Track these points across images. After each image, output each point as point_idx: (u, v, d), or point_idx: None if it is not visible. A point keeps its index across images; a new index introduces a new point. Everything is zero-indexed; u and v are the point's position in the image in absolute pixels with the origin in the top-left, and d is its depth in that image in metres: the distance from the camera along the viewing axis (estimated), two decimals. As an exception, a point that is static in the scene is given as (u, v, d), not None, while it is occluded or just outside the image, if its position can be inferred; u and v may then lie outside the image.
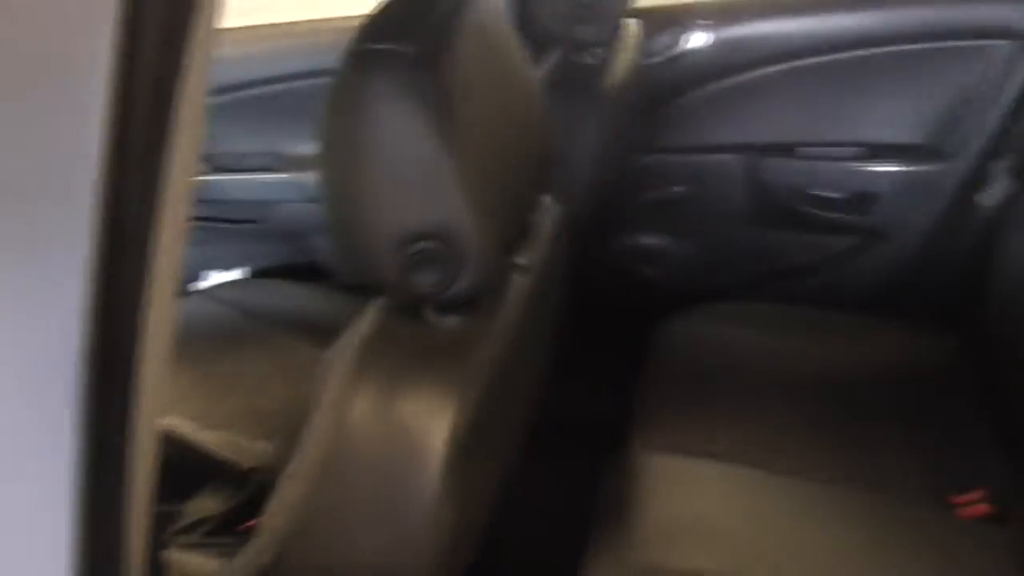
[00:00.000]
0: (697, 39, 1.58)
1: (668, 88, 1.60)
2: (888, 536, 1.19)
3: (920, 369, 1.49)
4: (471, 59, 0.76)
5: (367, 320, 0.80)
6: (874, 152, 1.59)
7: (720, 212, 1.68)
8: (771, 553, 1.17)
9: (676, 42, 1.58)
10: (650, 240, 1.73)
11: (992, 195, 1.51)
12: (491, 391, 0.78)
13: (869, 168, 1.58)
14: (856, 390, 1.45)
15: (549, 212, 1.08)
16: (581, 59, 1.40)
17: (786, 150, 1.61)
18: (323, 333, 0.85)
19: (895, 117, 1.56)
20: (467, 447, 0.73)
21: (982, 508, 1.24)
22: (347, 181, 0.74)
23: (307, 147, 1.61)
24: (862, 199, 1.61)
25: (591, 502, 1.31)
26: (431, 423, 0.70)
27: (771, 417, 1.39)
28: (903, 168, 1.57)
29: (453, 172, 0.71)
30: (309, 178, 1.65)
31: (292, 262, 1.81)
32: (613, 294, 1.73)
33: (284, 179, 1.70)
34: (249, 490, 1.18)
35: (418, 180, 0.70)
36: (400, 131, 0.69)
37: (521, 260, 0.94)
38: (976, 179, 1.55)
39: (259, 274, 1.81)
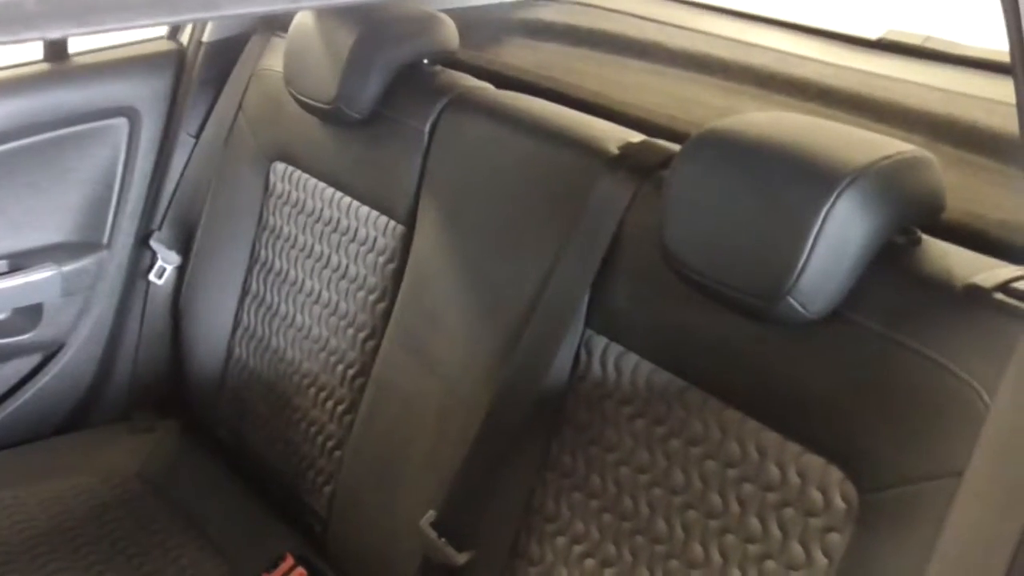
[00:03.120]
0: None
1: None
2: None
3: (168, 465, 1.43)
4: None
5: None
6: (20, 261, 1.41)
7: None
8: None
9: None
10: None
11: (161, 273, 1.49)
12: None
13: (21, 280, 1.40)
14: (130, 507, 1.34)
15: None
16: None
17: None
18: None
19: (32, 219, 1.41)
20: None
21: (299, 571, 1.27)
22: None
23: None
24: (24, 315, 1.43)
25: None
26: None
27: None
28: (60, 269, 1.42)
29: None
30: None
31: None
32: None
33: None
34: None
35: None
36: None
37: None
38: (141, 260, 1.51)
39: None
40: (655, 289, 0.95)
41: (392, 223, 1.22)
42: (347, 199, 1.28)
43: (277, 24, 1.42)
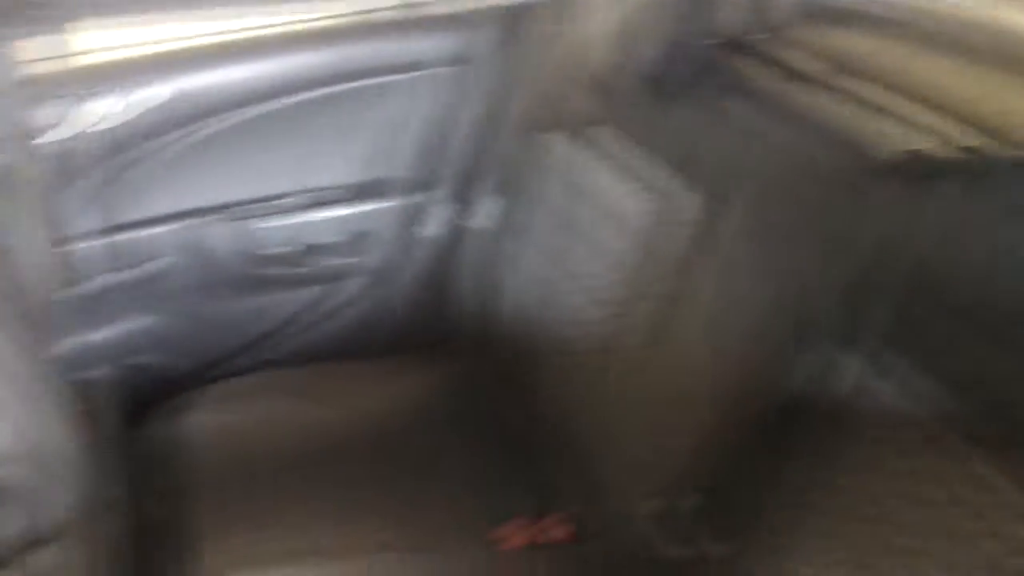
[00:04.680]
0: (97, 106, 1.36)
1: (80, 165, 1.38)
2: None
3: (439, 403, 1.52)
4: None
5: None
6: (360, 191, 1.56)
7: (199, 284, 1.54)
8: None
9: (75, 113, 1.35)
10: (126, 327, 1.55)
11: (479, 219, 1.56)
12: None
13: (358, 209, 1.56)
14: (387, 439, 1.43)
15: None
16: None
17: (246, 209, 1.52)
18: None
19: (375, 154, 1.54)
20: None
21: (522, 537, 1.29)
22: None
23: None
24: (357, 240, 1.59)
25: None
26: None
27: (319, 494, 1.32)
28: (391, 204, 1.56)
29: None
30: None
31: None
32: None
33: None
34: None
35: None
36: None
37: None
38: (462, 205, 1.60)
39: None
40: (926, 316, 0.83)
41: (658, 201, 1.17)
42: (622, 173, 1.25)
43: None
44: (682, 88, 1.17)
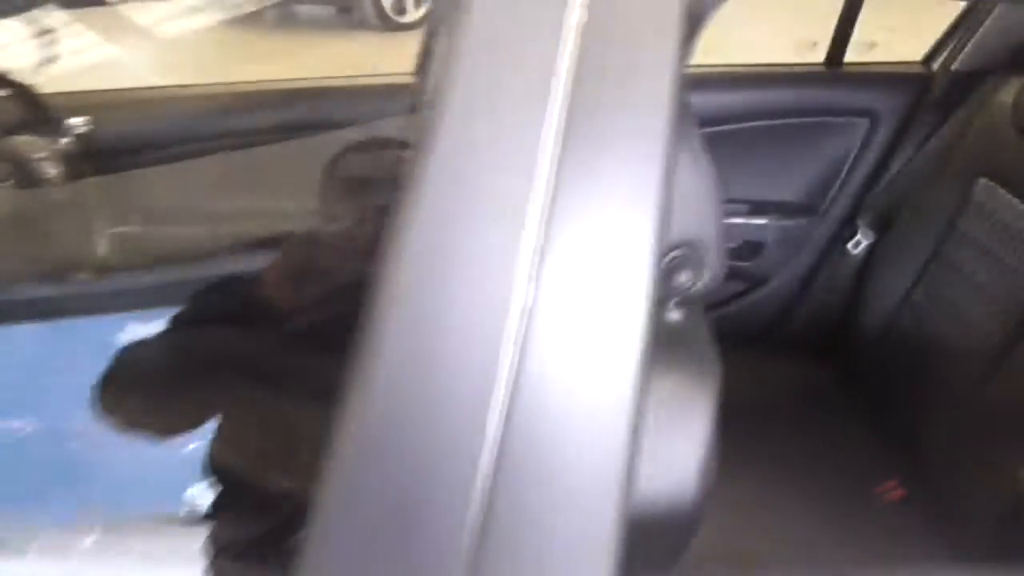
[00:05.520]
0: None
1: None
2: (838, 518, 1.48)
3: (809, 391, 1.79)
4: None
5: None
6: (759, 208, 1.88)
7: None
8: (764, 538, 1.41)
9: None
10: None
11: (857, 245, 1.85)
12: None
13: (755, 221, 1.88)
14: (766, 411, 1.71)
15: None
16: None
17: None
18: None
19: (777, 179, 1.87)
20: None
21: (899, 492, 1.53)
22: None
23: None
24: (749, 248, 1.91)
25: None
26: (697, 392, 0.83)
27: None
28: (783, 222, 1.87)
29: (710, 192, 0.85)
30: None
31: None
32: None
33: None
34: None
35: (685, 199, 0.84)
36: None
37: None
38: (843, 231, 1.89)
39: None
40: None
41: None
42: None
43: (1020, 63, 1.67)
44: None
